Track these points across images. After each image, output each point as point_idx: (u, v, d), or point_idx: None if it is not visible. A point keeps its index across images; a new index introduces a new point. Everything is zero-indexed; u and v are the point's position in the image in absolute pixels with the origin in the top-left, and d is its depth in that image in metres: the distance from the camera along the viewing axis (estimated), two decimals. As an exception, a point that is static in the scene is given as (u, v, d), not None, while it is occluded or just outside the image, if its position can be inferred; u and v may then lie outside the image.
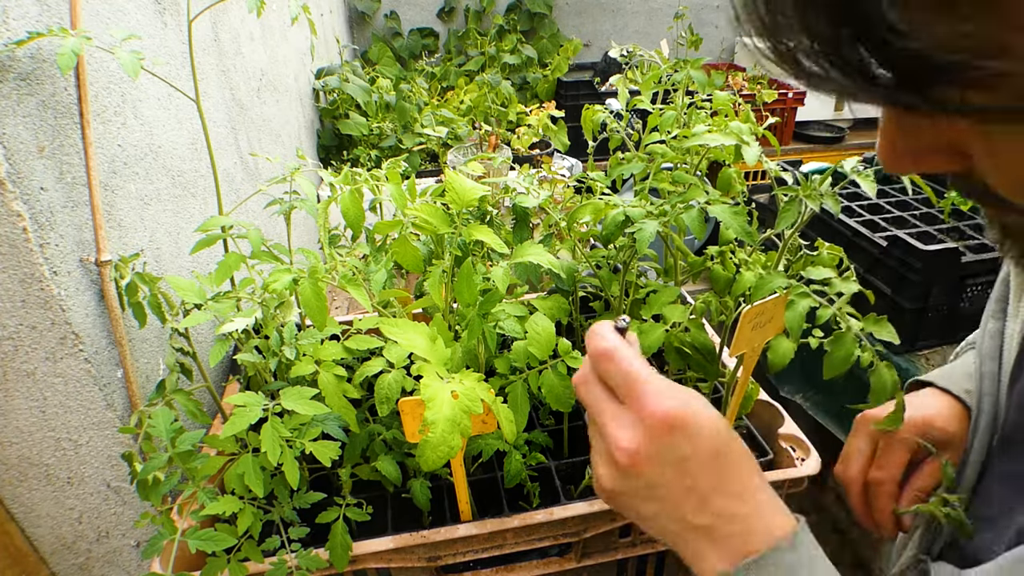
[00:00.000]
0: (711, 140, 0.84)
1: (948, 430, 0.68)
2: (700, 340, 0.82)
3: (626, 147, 1.01)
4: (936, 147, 0.33)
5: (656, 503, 0.53)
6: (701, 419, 0.53)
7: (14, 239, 0.73)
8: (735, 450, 0.54)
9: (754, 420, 0.97)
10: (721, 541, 0.51)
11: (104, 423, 0.87)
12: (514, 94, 2.66)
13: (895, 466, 0.69)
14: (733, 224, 0.76)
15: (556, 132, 2.26)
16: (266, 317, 0.80)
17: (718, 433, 0.53)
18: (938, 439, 0.68)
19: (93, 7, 0.88)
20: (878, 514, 0.70)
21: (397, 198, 0.80)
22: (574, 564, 0.87)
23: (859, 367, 0.66)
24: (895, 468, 0.69)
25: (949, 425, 0.68)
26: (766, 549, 0.49)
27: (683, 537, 0.53)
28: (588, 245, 1.05)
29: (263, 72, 1.75)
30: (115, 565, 0.98)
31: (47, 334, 0.79)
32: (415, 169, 2.29)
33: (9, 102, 0.71)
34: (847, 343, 0.66)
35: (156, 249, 1.00)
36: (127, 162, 0.93)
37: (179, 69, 1.12)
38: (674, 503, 0.52)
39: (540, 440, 0.90)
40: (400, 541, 0.78)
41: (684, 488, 0.52)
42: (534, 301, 0.89)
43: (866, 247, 1.48)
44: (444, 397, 0.61)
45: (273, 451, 0.69)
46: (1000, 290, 0.61)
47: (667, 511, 0.53)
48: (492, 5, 3.71)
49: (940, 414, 0.69)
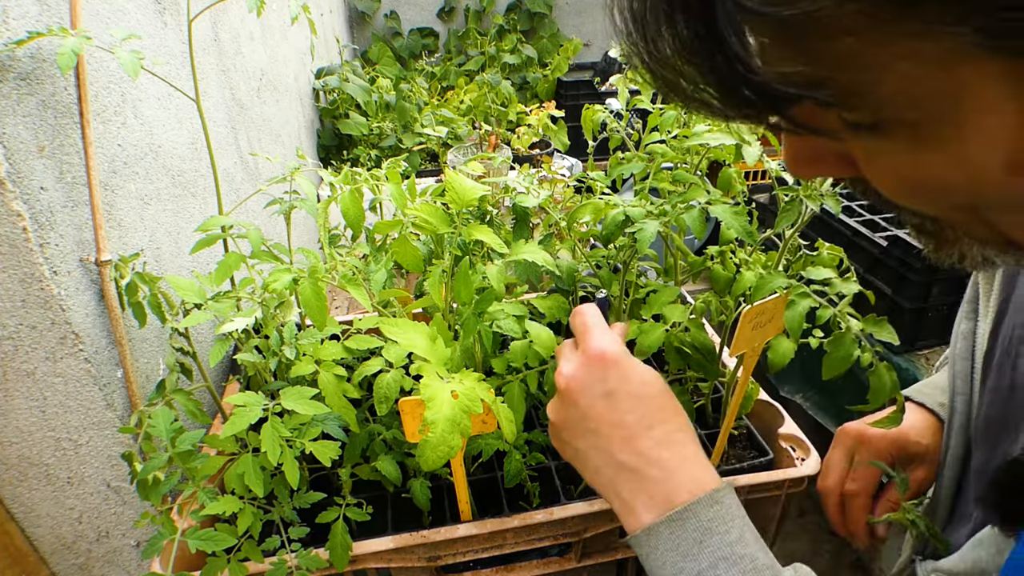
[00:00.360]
0: (712, 140, 0.84)
1: (922, 443, 0.70)
2: (700, 340, 0.82)
3: (626, 147, 1.01)
4: (827, 155, 0.36)
5: (589, 437, 0.58)
6: (635, 365, 0.60)
7: (14, 239, 0.72)
8: (665, 403, 0.59)
9: (754, 420, 0.97)
10: (648, 487, 0.54)
11: (104, 423, 0.87)
12: (514, 94, 2.66)
13: (868, 479, 0.72)
14: (734, 224, 0.76)
15: (556, 132, 2.26)
16: (266, 317, 0.80)
17: (649, 382, 0.59)
18: (913, 452, 0.71)
19: (93, 7, 0.88)
20: (852, 525, 0.73)
21: (397, 198, 0.80)
22: (574, 564, 0.87)
23: (859, 367, 0.66)
24: (868, 481, 0.72)
25: (923, 438, 0.71)
26: (690, 500, 0.52)
27: (614, 481, 0.56)
28: (588, 245, 1.05)
29: (263, 72, 1.75)
30: (115, 565, 0.98)
31: (47, 334, 0.79)
32: (415, 169, 2.29)
33: (9, 102, 0.71)
34: (846, 343, 0.66)
35: (156, 249, 1.00)
36: (127, 162, 0.93)
37: (179, 69, 1.12)
38: (604, 436, 0.57)
39: (540, 440, 0.90)
40: (400, 541, 0.78)
41: (612, 423, 0.57)
42: (534, 301, 0.89)
43: (866, 247, 1.48)
44: (444, 397, 0.61)
45: (273, 451, 0.69)
46: (971, 291, 0.62)
47: (598, 445, 0.58)
48: (492, 5, 3.71)
49: (914, 427, 0.72)
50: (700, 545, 0.51)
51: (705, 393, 0.99)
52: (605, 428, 0.57)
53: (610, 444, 0.57)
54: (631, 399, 0.58)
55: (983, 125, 0.29)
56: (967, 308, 0.62)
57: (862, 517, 0.71)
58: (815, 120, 0.34)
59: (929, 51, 0.27)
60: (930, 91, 0.29)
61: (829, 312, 0.68)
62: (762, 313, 0.72)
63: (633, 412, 0.57)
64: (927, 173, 0.32)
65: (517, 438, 0.85)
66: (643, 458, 0.56)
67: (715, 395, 1.00)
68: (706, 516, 0.52)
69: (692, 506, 0.52)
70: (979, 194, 0.32)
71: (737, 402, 0.82)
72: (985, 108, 0.28)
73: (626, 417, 0.57)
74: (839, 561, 1.82)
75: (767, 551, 0.52)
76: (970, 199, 0.32)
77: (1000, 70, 0.27)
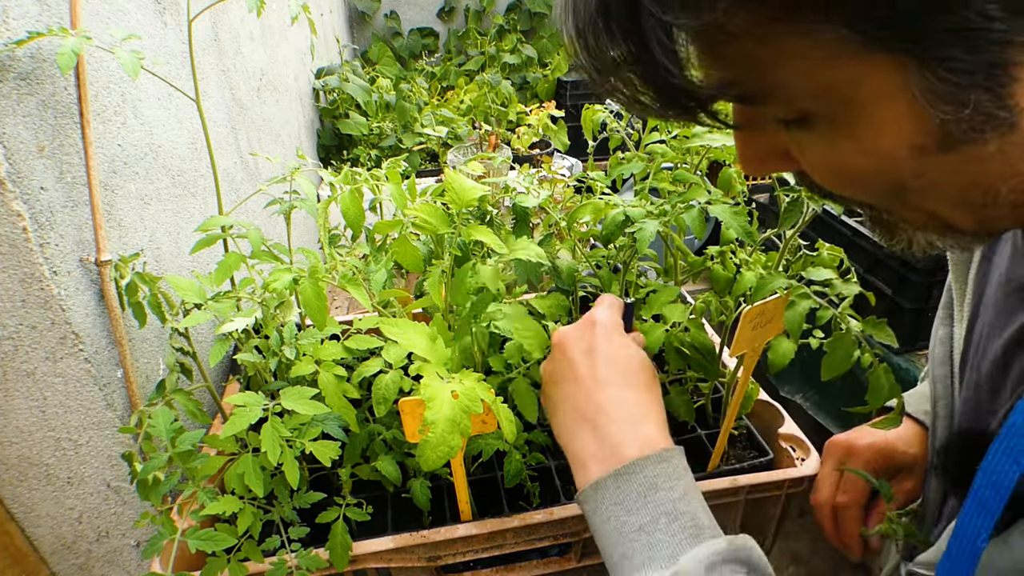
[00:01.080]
0: (712, 140, 0.84)
1: (910, 452, 0.71)
2: (700, 340, 0.82)
3: (626, 147, 1.01)
4: (770, 152, 0.40)
5: (565, 386, 0.62)
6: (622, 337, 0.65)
7: (14, 239, 0.72)
8: (640, 374, 0.62)
9: (754, 420, 0.97)
10: (601, 441, 0.57)
11: (104, 423, 0.87)
12: (514, 94, 2.66)
13: (858, 491, 0.72)
14: (734, 224, 0.76)
15: (556, 132, 2.26)
16: (266, 317, 0.80)
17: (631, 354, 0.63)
18: (900, 462, 0.72)
19: (93, 7, 0.88)
20: (846, 537, 0.73)
21: (397, 198, 0.80)
22: (574, 564, 0.87)
23: (859, 368, 0.66)
24: (858, 493, 0.72)
25: (910, 447, 0.71)
26: (636, 457, 0.54)
27: (573, 434, 0.59)
28: (588, 245, 1.05)
29: (263, 72, 1.75)
30: (115, 565, 0.98)
31: (47, 334, 0.79)
32: (415, 169, 2.29)
33: (9, 102, 0.71)
34: (846, 344, 0.66)
35: (156, 249, 1.00)
36: (127, 162, 0.93)
37: (179, 69, 1.12)
38: (575, 385, 0.61)
39: (540, 440, 0.90)
40: (400, 541, 0.78)
41: (585, 376, 0.61)
42: (533, 301, 0.89)
43: (866, 247, 1.48)
44: (444, 397, 0.61)
45: (273, 451, 0.69)
46: (945, 296, 0.63)
47: (568, 394, 0.61)
48: (492, 5, 3.71)
49: (901, 437, 0.72)
50: (644, 500, 0.51)
51: (705, 393, 0.99)
52: (579, 379, 0.61)
53: (578, 393, 0.61)
54: (608, 360, 0.62)
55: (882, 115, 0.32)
56: (943, 314, 0.62)
57: (855, 528, 0.71)
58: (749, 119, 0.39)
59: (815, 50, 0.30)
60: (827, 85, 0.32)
61: (829, 313, 0.68)
62: (762, 313, 0.72)
63: (606, 370, 0.61)
64: (847, 161, 0.35)
65: (517, 438, 0.85)
66: (603, 413, 0.58)
67: (715, 395, 1.00)
68: (652, 472, 0.53)
69: (639, 461, 0.53)
70: (894, 177, 0.34)
71: (737, 402, 0.82)
72: (880, 99, 0.31)
73: (599, 372, 0.61)
74: (839, 561, 1.82)
75: (710, 515, 0.53)
76: (889, 183, 0.35)
77: (887, 63, 0.30)
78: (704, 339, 0.82)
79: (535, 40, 3.65)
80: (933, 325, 0.63)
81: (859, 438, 0.73)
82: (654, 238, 0.77)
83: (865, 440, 0.73)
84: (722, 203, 0.78)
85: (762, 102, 0.35)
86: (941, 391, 0.61)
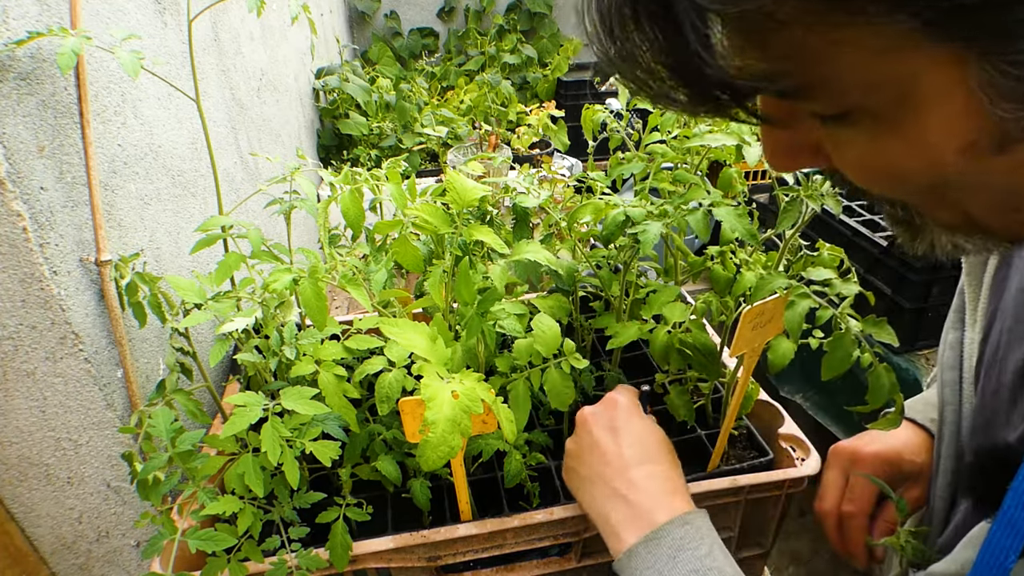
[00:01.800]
0: (712, 140, 0.84)
1: (916, 461, 0.71)
2: (702, 341, 0.82)
3: (626, 147, 1.01)
4: (802, 148, 0.38)
5: (595, 463, 0.69)
6: (642, 417, 0.73)
7: (14, 239, 0.72)
8: (660, 447, 0.70)
9: (754, 420, 0.97)
10: (633, 513, 0.63)
11: (104, 423, 0.87)
12: (514, 94, 2.66)
13: (865, 499, 0.71)
14: (737, 225, 0.76)
15: (556, 132, 2.26)
16: (266, 317, 0.80)
17: (650, 430, 0.71)
18: (907, 471, 0.71)
19: (93, 7, 0.88)
20: (851, 546, 0.73)
21: (397, 198, 0.80)
22: (574, 564, 0.87)
23: (859, 367, 0.66)
24: (865, 501, 0.71)
25: (917, 456, 0.71)
26: (664, 522, 0.60)
27: (605, 507, 0.65)
28: (588, 245, 1.05)
29: (263, 72, 1.75)
30: (115, 565, 0.98)
31: (47, 334, 0.79)
32: (415, 169, 2.29)
33: (9, 102, 0.71)
34: (846, 344, 0.66)
35: (156, 249, 1.00)
36: (127, 162, 0.93)
37: (179, 69, 1.12)
38: (604, 461, 0.68)
39: (540, 440, 0.90)
40: (400, 541, 0.78)
41: (613, 453, 0.68)
42: (534, 300, 0.89)
43: (866, 247, 1.48)
44: (444, 397, 0.61)
45: (273, 451, 0.69)
46: (957, 300, 0.62)
47: (597, 471, 0.68)
48: (492, 5, 3.71)
49: (907, 446, 0.72)
50: (673, 560, 0.56)
51: (705, 393, 0.99)
52: (607, 457, 0.68)
53: (606, 471, 0.67)
54: (632, 437, 0.69)
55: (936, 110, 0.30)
56: (954, 318, 0.62)
57: (861, 537, 0.71)
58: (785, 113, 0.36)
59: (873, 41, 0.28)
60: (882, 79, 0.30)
61: (829, 313, 0.68)
62: (762, 313, 0.72)
63: (632, 448, 0.68)
64: (890, 159, 0.33)
65: (517, 438, 0.85)
66: (633, 487, 0.64)
67: (715, 395, 1.00)
68: (678, 534, 0.58)
69: (666, 526, 0.59)
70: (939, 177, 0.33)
71: (737, 402, 0.82)
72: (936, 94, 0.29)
73: (625, 450, 0.68)
74: (840, 561, 1.81)
75: (735, 565, 0.57)
76: (932, 182, 0.33)
77: (947, 57, 0.28)
78: (706, 340, 0.82)
79: (535, 40, 3.65)
80: (943, 329, 0.62)
81: (864, 445, 0.72)
82: (657, 239, 0.77)
83: (871, 448, 0.72)
84: (725, 204, 0.78)
85: (806, 96, 0.32)
86: (949, 396, 0.60)
